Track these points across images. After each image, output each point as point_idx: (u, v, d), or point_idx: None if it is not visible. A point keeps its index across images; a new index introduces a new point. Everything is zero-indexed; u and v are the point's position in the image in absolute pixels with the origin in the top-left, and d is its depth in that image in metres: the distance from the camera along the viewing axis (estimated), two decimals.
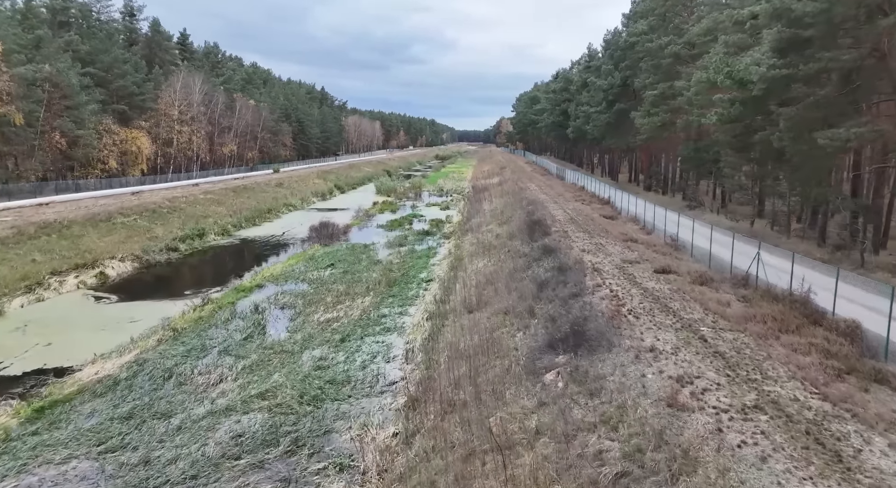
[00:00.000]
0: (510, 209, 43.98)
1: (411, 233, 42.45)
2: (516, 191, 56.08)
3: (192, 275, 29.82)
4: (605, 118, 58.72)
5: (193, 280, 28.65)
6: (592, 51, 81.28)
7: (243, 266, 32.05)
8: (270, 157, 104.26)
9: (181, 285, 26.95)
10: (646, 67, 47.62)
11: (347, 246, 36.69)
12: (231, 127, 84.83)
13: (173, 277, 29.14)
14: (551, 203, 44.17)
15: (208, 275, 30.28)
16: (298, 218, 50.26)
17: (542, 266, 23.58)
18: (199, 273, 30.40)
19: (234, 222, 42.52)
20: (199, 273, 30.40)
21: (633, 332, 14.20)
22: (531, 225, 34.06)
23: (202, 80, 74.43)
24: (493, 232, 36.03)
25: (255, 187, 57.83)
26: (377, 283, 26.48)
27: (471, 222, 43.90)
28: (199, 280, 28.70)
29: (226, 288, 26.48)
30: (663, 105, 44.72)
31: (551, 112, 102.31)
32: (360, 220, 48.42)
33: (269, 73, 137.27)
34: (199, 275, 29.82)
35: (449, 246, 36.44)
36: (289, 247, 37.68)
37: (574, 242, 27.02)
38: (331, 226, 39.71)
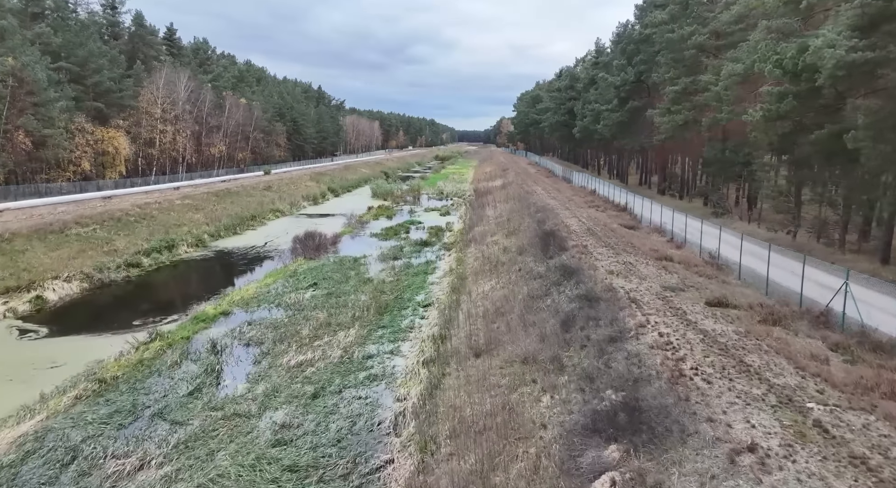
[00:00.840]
0: (517, 216, 39.86)
1: (408, 243, 38.33)
2: (522, 195, 51.96)
3: (151, 298, 25.62)
4: (616, 117, 54.62)
5: (150, 304, 24.47)
6: (600, 46, 77.16)
7: (213, 285, 27.88)
8: (263, 158, 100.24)
9: (133, 312, 22.77)
10: (665, 61, 43.51)
11: (335, 259, 32.55)
12: (220, 126, 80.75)
13: (127, 301, 24.92)
14: (562, 209, 40.06)
15: (170, 297, 26.06)
16: (285, 225, 46.11)
17: (563, 292, 19.45)
18: (159, 295, 26.19)
19: (211, 231, 38.37)
20: (159, 295, 26.19)
21: (712, 410, 10.06)
22: (544, 237, 29.93)
23: (188, 76, 70.29)
24: (500, 244, 31.89)
25: (241, 191, 53.70)
26: (365, 309, 22.35)
27: (474, 231, 39.76)
28: (158, 304, 24.51)
29: (186, 315, 22.31)
30: (685, 101, 40.61)
31: (556, 111, 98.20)
32: (352, 228, 44.28)
33: (263, 71, 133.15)
34: (159, 298, 25.62)
35: (450, 260, 32.29)
36: (269, 260, 33.52)
37: (598, 260, 22.89)
38: (318, 237, 35.56)
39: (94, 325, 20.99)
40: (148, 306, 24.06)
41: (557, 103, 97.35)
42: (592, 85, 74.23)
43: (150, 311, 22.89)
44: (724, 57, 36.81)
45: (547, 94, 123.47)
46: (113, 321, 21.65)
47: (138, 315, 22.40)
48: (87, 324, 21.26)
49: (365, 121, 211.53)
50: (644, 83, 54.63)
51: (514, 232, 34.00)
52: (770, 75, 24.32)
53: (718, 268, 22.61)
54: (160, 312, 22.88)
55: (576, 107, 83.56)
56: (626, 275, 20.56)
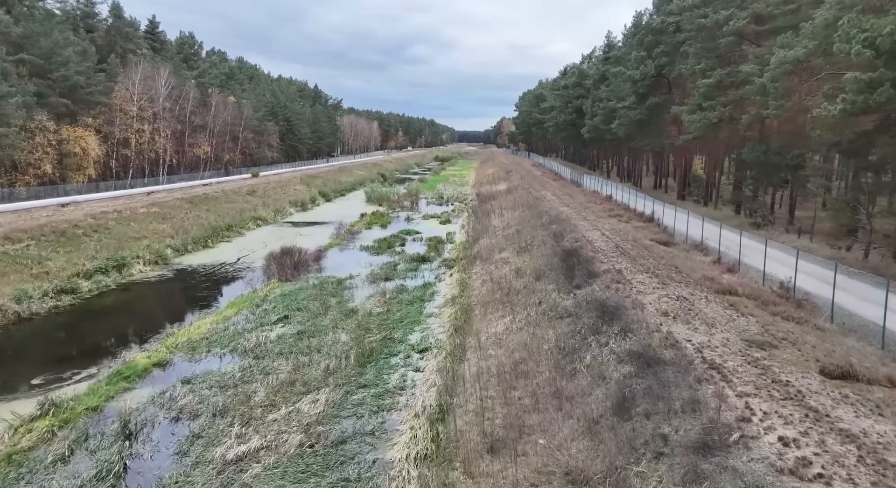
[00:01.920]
0: (528, 228, 34.83)
1: (403, 258, 33.29)
2: (531, 201, 46.93)
3: (75, 339, 20.33)
4: (634, 115, 49.60)
5: (71, 347, 19.31)
6: (612, 39, 72.18)
7: (160, 318, 22.78)
8: (254, 160, 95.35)
9: (41, 361, 17.56)
10: (694, 51, 38.51)
11: (316, 281, 27.52)
12: (206, 126, 75.74)
13: (40, 344, 19.59)
14: (579, 219, 35.05)
15: (100, 336, 20.68)
16: (266, 236, 41.05)
17: (605, 345, 14.42)
18: (87, 333, 20.88)
19: (177, 245, 33.30)
20: (87, 333, 20.88)
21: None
22: (564, 256, 24.90)
23: (169, 71, 65.25)
24: (511, 263, 26.85)
25: (220, 196, 48.65)
26: (343, 357, 17.33)
27: (479, 244, 34.72)
28: (81, 347, 19.34)
29: (112, 365, 17.22)
30: (720, 96, 35.63)
31: (562, 110, 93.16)
32: (340, 240, 39.21)
33: (255, 69, 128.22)
34: (85, 339, 20.32)
35: (451, 282, 27.25)
36: (238, 282, 28.44)
37: (642, 294, 17.86)
38: (298, 253, 30.49)
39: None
40: (66, 350, 18.88)
41: (564, 102, 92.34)
42: (603, 81, 69.25)
43: (65, 360, 17.70)
44: (768, 44, 31.84)
45: (551, 92, 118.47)
46: (10, 374, 16.56)
47: (47, 366, 17.21)
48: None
49: (363, 121, 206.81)
50: (664, 78, 49.65)
51: (527, 248, 28.95)
52: (857, 58, 19.29)
53: (798, 304, 17.58)
54: (78, 361, 17.69)
55: (584, 105, 78.58)
56: (687, 317, 15.52)
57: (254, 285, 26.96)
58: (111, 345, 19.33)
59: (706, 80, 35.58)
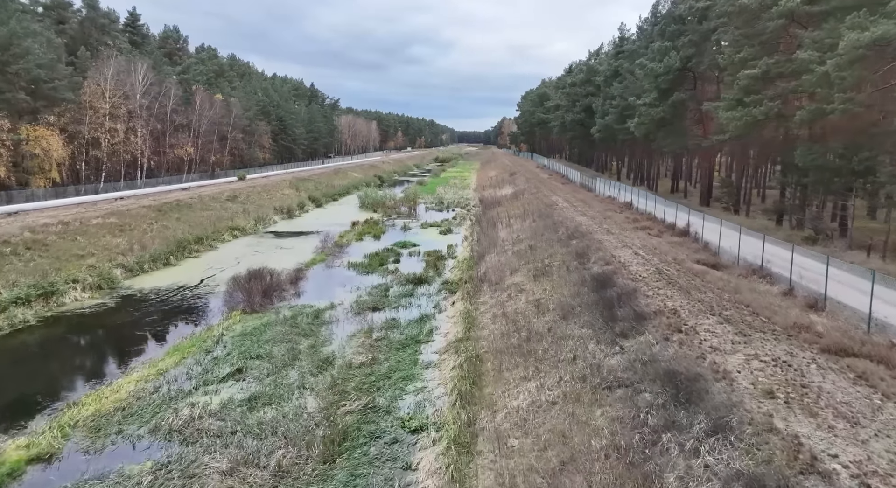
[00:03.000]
0: (543, 242, 29.81)
1: (397, 279, 28.29)
2: (542, 209, 41.91)
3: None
4: (656, 112, 44.58)
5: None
6: (625, 32, 67.18)
7: (74, 372, 17.74)
8: (244, 161, 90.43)
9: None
10: (733, 38, 33.47)
11: (289, 312, 22.52)
12: (189, 125, 70.74)
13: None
14: (602, 232, 30.05)
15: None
16: (241, 249, 36.02)
17: (697, 459, 9.37)
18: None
19: (131, 263, 28.26)
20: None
21: None
22: (596, 286, 19.87)
23: (147, 66, 60.23)
24: (527, 292, 21.82)
25: (195, 203, 43.62)
26: (306, 445, 12.32)
27: (485, 262, 29.71)
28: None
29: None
30: (766, 89, 30.63)
31: (569, 109, 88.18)
32: (325, 255, 34.15)
33: (248, 67, 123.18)
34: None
35: (455, 314, 22.24)
36: (193, 313, 23.40)
37: (721, 353, 12.85)
38: (270, 275, 25.46)
39: None
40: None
41: (571, 100, 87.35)
42: (616, 77, 64.32)
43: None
44: (828, 26, 26.84)
45: (556, 91, 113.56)
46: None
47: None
48: None
49: (362, 121, 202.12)
50: (690, 71, 44.64)
51: (545, 271, 23.89)
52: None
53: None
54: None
55: (594, 103, 73.59)
56: (806, 402, 10.49)
57: (210, 319, 21.93)
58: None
59: (750, 71, 30.54)
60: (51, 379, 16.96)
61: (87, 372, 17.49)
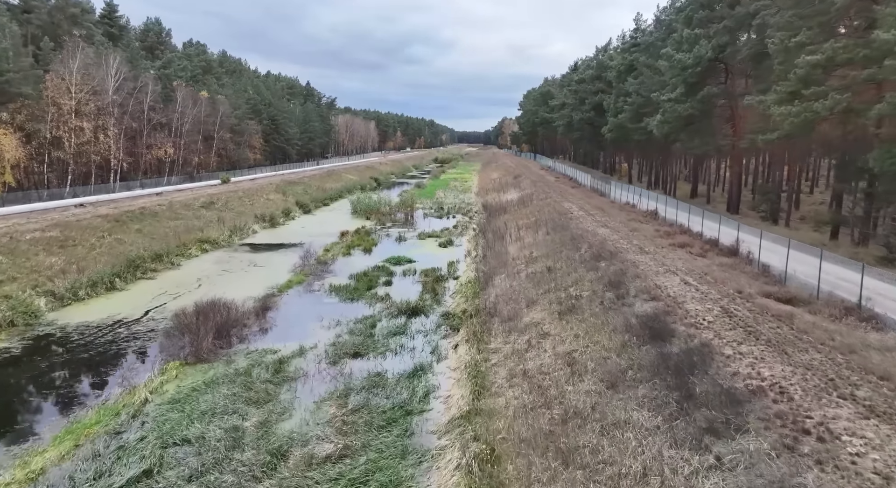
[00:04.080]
0: (563, 263, 24.69)
1: (386, 310, 23.24)
2: (555, 219, 36.81)
3: None
4: (683, 109, 39.49)
5: None
6: (641, 23, 62.12)
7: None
8: (232, 162, 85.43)
9: None
10: (787, 20, 28.39)
11: (244, 361, 17.47)
12: (170, 124, 65.64)
13: None
14: (633, 250, 24.97)
15: None
16: (208, 268, 30.94)
17: None
18: None
19: (62, 289, 23.19)
20: None
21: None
22: (648, 337, 14.79)
23: (119, 60, 55.12)
24: (554, 339, 16.73)
25: (163, 211, 38.52)
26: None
27: (494, 287, 24.62)
28: None
29: None
30: (831, 80, 25.60)
31: (576, 107, 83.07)
32: (304, 275, 29.03)
33: (239, 63, 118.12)
34: None
35: (458, 365, 17.18)
36: (119, 364, 18.26)
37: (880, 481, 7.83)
38: (227, 309, 20.37)
39: None
40: None
41: (578, 98, 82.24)
42: (630, 72, 59.24)
43: None
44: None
45: (561, 89, 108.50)
46: None
47: None
48: None
49: (360, 120, 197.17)
50: (721, 62, 39.58)
51: (573, 307, 18.80)
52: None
53: None
54: None
55: (605, 101, 68.52)
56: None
57: (139, 373, 16.83)
58: None
59: (811, 58, 25.45)
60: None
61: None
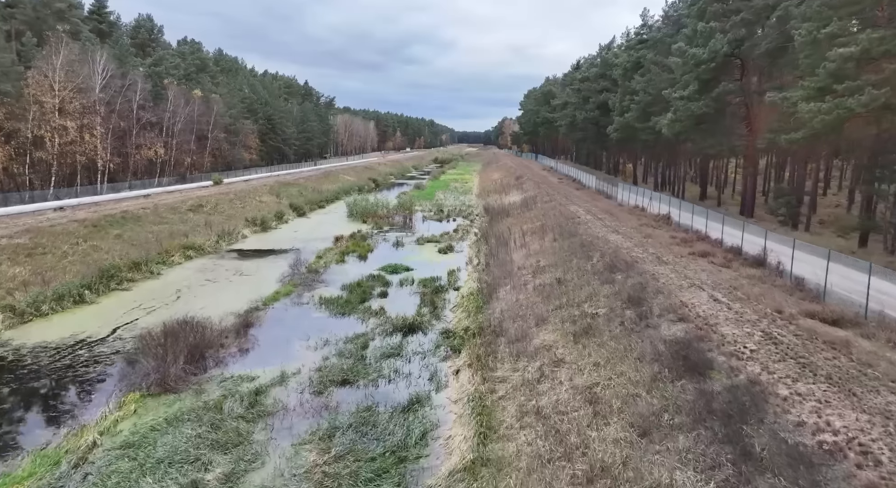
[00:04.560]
0: (574, 274, 22.55)
1: (380, 326, 21.14)
2: (562, 223, 34.68)
3: None
4: (696, 107, 37.36)
5: None
6: (648, 19, 59.97)
7: None
8: (227, 163, 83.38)
9: None
10: (816, 10, 26.26)
11: (217, 390, 15.38)
12: (160, 123, 63.53)
13: None
14: (650, 259, 22.84)
15: None
16: (189, 277, 28.81)
17: None
18: None
19: (23, 304, 21.07)
20: None
21: None
22: (683, 369, 12.66)
23: (106, 57, 53.02)
24: (571, 368, 14.60)
25: (147, 215, 36.39)
26: None
27: (499, 300, 22.49)
28: None
29: None
30: (865, 74, 23.47)
31: (579, 107, 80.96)
32: (293, 285, 26.89)
33: (235, 62, 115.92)
34: None
35: (460, 396, 15.10)
36: (73, 394, 16.13)
37: None
38: (202, 329, 18.23)
39: None
40: None
41: (582, 97, 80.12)
42: (637, 69, 57.14)
43: None
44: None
45: (563, 88, 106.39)
46: None
47: None
48: None
49: (359, 120, 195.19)
50: (737, 57, 37.46)
51: (590, 328, 16.67)
52: None
53: None
54: None
55: (611, 100, 66.43)
56: None
57: (93, 407, 14.69)
58: None
59: (844, 50, 23.34)
60: None
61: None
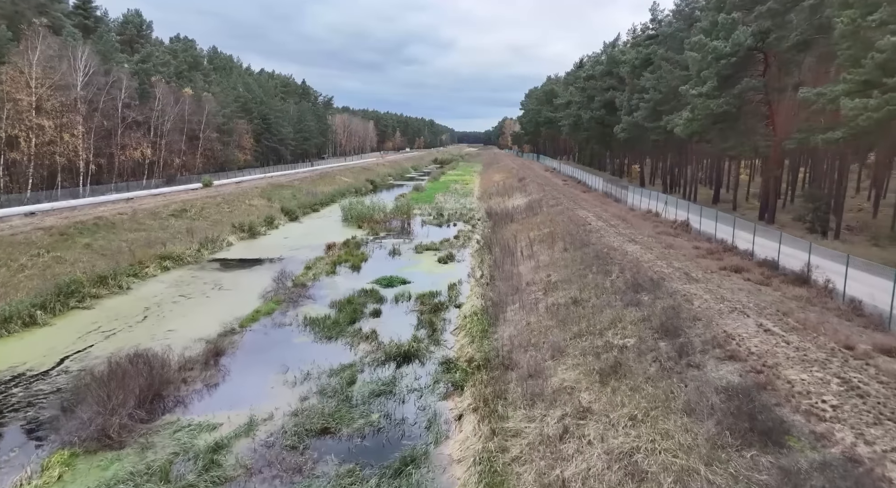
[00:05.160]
0: (592, 293, 19.77)
1: (371, 355, 18.40)
2: (572, 231, 31.91)
3: None
4: (716, 105, 34.58)
5: None
6: (658, 12, 57.15)
7: None
8: (220, 164, 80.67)
9: None
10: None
11: (169, 444, 12.67)
12: (148, 122, 60.79)
13: None
14: (677, 276, 20.07)
15: None
16: (162, 292, 26.01)
17: None
18: None
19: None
20: None
21: None
22: (749, 431, 9.89)
23: (88, 52, 50.27)
24: (599, 420, 11.83)
25: (123, 222, 33.62)
26: None
27: (506, 323, 19.71)
28: None
29: None
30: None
31: (584, 106, 78.20)
32: (276, 302, 24.08)
33: (230, 60, 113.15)
34: None
35: (462, 453, 12.31)
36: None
37: None
38: (161, 365, 15.46)
39: None
40: None
41: (587, 96, 77.34)
42: (647, 66, 54.38)
43: None
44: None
45: (566, 87, 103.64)
46: None
47: None
48: None
49: (358, 120, 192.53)
50: (760, 51, 34.69)
51: (618, 365, 13.90)
52: None
53: None
54: None
55: (617, 98, 63.68)
56: None
57: (8, 473, 11.91)
58: None
59: None
60: None
61: None
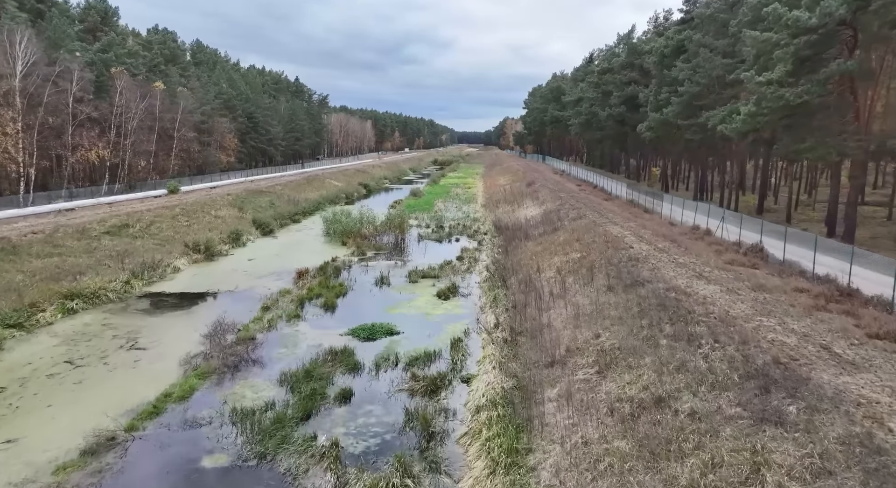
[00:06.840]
0: (676, 378, 12.36)
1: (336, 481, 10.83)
2: (613, 258, 24.39)
3: None
4: (792, 95, 27.14)
5: None
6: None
7: None
8: (198, 166, 73.43)
9: None
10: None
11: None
12: (108, 120, 53.38)
13: None
14: (813, 353, 12.66)
15: None
16: (42, 354, 18.49)
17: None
18: None
19: None
20: None
21: None
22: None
23: (27, 37, 42.88)
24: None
25: (31, 244, 26.16)
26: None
27: (544, 434, 12.28)
28: None
29: None
30: None
31: (598, 102, 70.81)
32: (201, 375, 16.61)
33: (214, 54, 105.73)
34: None
35: None
36: None
37: None
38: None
39: None
40: None
41: (602, 92, 69.91)
42: (679, 55, 47.01)
43: None
44: None
45: (576, 83, 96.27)
46: None
47: None
48: None
49: (355, 120, 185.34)
50: (850, 26, 27.25)
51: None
52: None
53: None
54: None
55: (641, 93, 56.27)
56: None
57: None
58: None
59: None
60: None
61: None
